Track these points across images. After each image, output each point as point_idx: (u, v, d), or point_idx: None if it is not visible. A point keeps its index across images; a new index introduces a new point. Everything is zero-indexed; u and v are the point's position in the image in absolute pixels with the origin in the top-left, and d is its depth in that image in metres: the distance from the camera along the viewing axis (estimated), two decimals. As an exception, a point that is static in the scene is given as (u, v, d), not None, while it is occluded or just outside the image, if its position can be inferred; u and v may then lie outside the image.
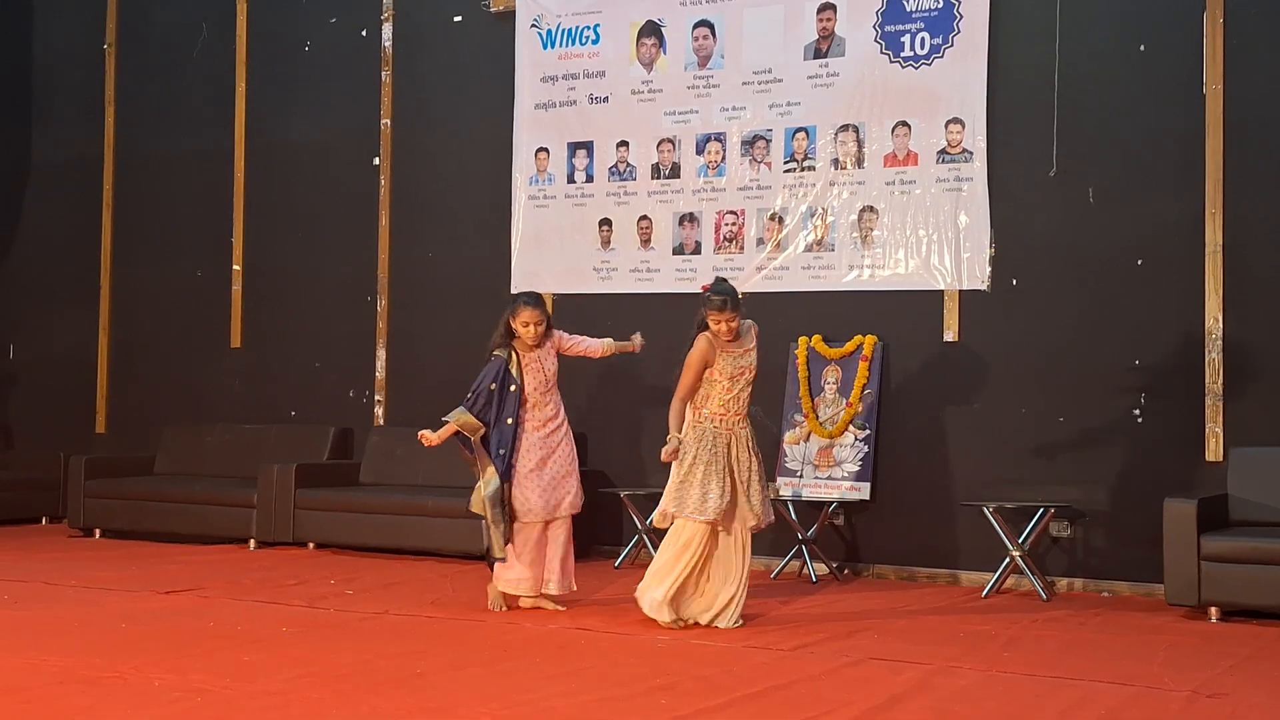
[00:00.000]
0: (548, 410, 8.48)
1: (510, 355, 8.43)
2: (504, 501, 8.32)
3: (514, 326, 8.44)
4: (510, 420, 8.36)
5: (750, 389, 7.98)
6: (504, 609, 8.33)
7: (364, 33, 12.35)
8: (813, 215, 10.41)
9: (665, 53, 11.00)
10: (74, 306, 13.71)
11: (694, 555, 7.78)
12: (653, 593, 7.79)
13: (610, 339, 8.89)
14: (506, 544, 8.33)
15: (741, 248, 10.61)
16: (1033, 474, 9.63)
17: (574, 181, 11.30)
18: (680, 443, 7.85)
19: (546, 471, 8.40)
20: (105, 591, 8.88)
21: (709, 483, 7.74)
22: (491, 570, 8.44)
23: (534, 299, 8.56)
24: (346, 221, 12.35)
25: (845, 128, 10.32)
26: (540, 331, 8.43)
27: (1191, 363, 9.23)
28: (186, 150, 13.24)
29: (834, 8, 10.39)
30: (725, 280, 8.05)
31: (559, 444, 8.49)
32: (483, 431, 8.37)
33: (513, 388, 8.38)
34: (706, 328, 7.91)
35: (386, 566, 10.20)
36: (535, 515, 8.36)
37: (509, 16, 11.59)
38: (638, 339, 8.89)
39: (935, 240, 9.99)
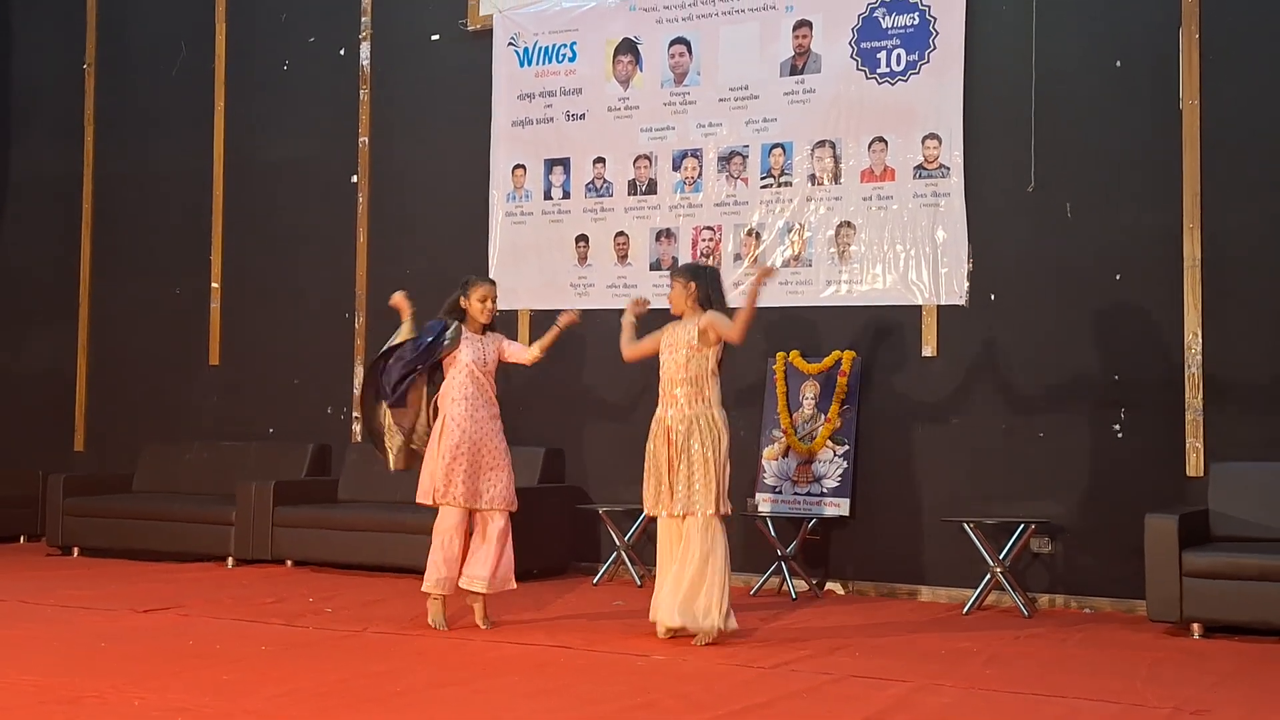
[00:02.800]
0: (485, 394, 8.39)
1: (459, 326, 8.48)
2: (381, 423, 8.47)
3: (465, 305, 8.46)
4: (414, 367, 8.43)
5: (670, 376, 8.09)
6: (446, 626, 8.26)
7: (342, 51, 12.35)
8: (790, 231, 10.42)
9: (642, 70, 11.01)
10: (53, 324, 13.68)
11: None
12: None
13: (535, 346, 8.63)
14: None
15: (719, 263, 10.61)
16: (1013, 489, 9.63)
17: (551, 198, 11.30)
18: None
19: (475, 457, 8.29)
20: (84, 610, 8.85)
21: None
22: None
23: (488, 279, 8.69)
24: (325, 239, 12.34)
25: (822, 144, 10.34)
26: (494, 309, 8.47)
27: (1171, 377, 9.25)
28: (165, 168, 13.22)
29: (810, 24, 10.42)
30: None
31: (493, 434, 8.36)
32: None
33: (444, 343, 8.40)
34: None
35: (365, 584, 10.17)
36: (459, 499, 8.27)
37: (486, 35, 11.61)
38: (565, 318, 8.64)
39: (913, 255, 10.00)
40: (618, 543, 10.39)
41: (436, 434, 8.35)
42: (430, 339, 8.40)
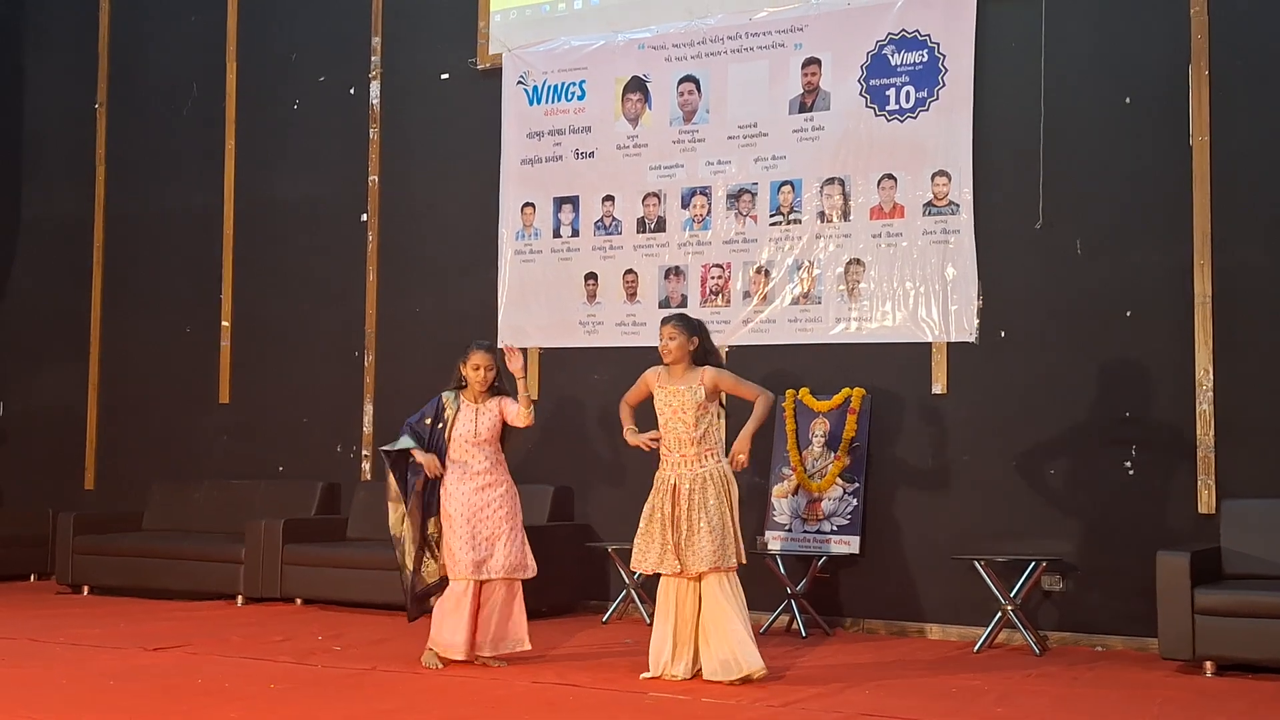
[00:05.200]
0: (476, 465, 8.37)
1: (454, 396, 8.47)
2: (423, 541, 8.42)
3: (464, 372, 8.45)
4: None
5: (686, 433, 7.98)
6: (439, 665, 8.23)
7: (352, 90, 12.39)
8: (799, 268, 10.42)
9: (650, 108, 11.04)
10: (63, 363, 13.71)
11: None
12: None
13: (521, 405, 8.45)
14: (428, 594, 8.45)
15: (728, 301, 10.62)
16: (1023, 527, 9.60)
17: (560, 236, 11.31)
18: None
19: (473, 529, 8.28)
20: (93, 648, 8.83)
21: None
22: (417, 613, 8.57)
23: (487, 345, 8.58)
24: (334, 277, 12.36)
25: (831, 181, 10.34)
26: (490, 378, 8.43)
27: (1182, 414, 9.22)
28: (176, 208, 13.26)
29: (819, 62, 10.43)
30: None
31: (489, 503, 8.33)
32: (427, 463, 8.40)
33: (440, 426, 8.42)
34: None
35: (374, 622, 10.15)
36: (462, 572, 8.25)
37: (495, 74, 11.64)
38: (515, 365, 8.48)
39: (922, 292, 10.00)
40: (627, 581, 10.36)
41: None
42: (430, 418, 8.50)
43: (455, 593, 8.26)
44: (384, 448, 8.57)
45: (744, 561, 7.91)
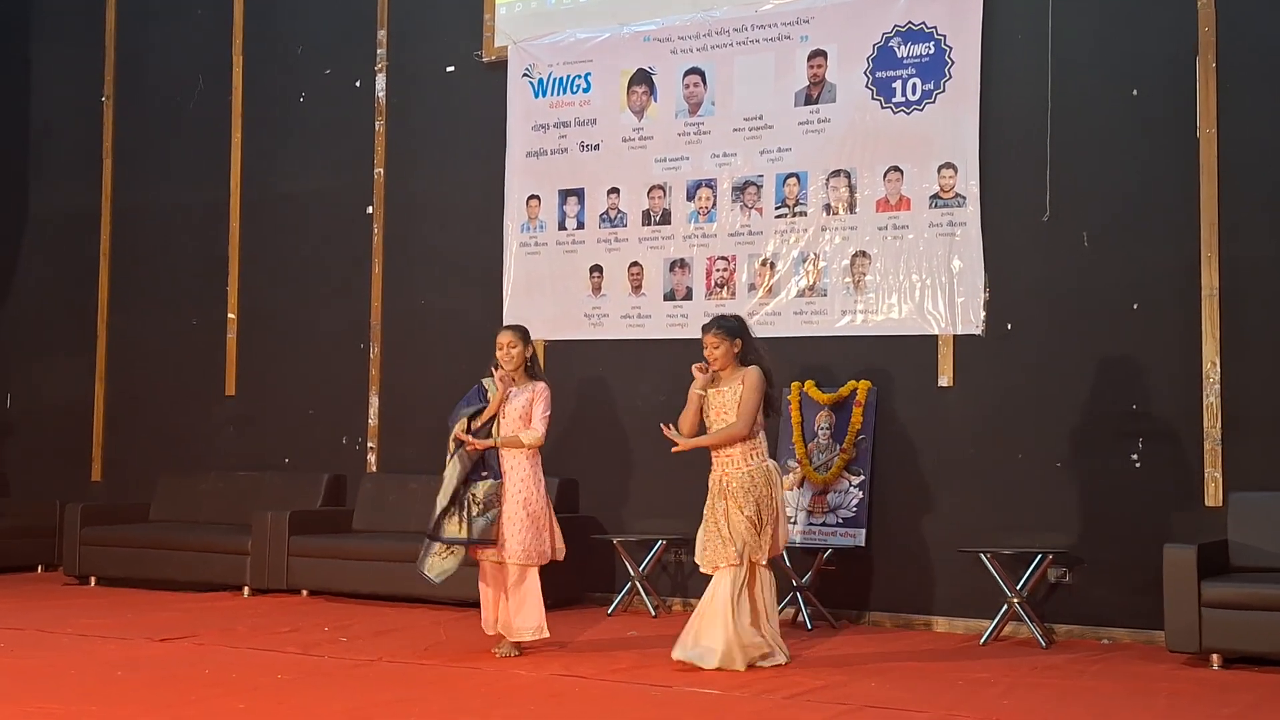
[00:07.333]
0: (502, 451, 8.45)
1: (491, 381, 8.55)
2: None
3: (497, 356, 8.57)
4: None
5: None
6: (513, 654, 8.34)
7: (358, 83, 12.39)
8: (804, 261, 10.41)
9: (656, 100, 11.03)
10: (70, 356, 13.71)
11: None
12: None
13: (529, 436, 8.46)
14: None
15: (733, 293, 10.61)
16: (1030, 520, 9.59)
17: (565, 228, 11.31)
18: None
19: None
20: (100, 639, 8.85)
21: None
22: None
23: (514, 327, 8.78)
24: (340, 270, 12.37)
25: (837, 173, 10.33)
26: (514, 355, 8.56)
27: (1189, 407, 9.20)
28: (182, 200, 13.27)
29: (825, 54, 10.42)
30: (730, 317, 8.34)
31: (508, 488, 8.35)
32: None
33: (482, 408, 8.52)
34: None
35: (379, 614, 10.16)
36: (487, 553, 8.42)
37: (501, 66, 11.63)
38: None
39: (929, 285, 9.98)
40: (632, 573, 10.36)
41: None
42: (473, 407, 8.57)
43: (482, 571, 8.51)
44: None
45: (780, 553, 8.16)
